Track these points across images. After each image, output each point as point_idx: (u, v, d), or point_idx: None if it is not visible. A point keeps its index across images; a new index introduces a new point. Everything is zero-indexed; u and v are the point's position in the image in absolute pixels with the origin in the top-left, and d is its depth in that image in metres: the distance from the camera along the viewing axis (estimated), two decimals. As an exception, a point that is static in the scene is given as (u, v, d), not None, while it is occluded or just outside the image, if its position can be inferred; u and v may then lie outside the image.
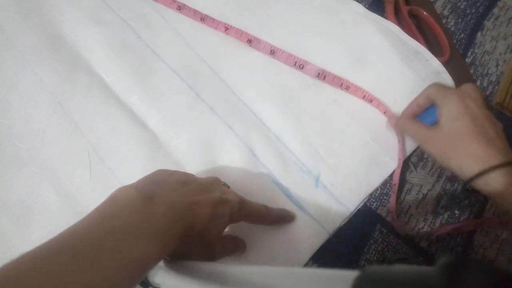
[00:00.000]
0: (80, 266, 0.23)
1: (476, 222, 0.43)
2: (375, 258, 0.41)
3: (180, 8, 0.49)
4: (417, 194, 0.44)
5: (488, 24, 0.53)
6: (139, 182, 0.31)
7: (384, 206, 0.43)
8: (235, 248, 0.37)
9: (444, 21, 0.53)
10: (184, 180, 0.33)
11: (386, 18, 0.51)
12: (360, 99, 0.46)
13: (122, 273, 0.25)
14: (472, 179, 0.35)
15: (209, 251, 0.33)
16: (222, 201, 0.32)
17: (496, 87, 0.50)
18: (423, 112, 0.42)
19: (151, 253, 0.27)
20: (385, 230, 0.43)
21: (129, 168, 0.42)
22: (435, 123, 0.39)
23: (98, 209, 0.28)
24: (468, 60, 0.51)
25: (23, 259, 0.23)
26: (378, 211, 0.43)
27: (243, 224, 0.36)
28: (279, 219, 0.40)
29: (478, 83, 0.50)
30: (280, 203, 0.41)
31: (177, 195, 0.30)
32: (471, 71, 0.50)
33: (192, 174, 0.36)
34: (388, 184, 0.43)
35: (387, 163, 0.44)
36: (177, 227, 0.28)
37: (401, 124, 0.42)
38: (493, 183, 0.34)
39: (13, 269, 0.22)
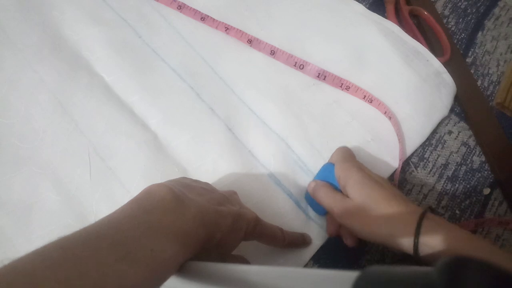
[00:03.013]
0: (117, 257, 0.23)
1: (477, 222, 0.43)
2: (375, 258, 0.41)
3: (181, 7, 0.49)
4: (417, 194, 0.44)
5: (488, 24, 0.53)
6: (168, 182, 0.31)
7: (385, 206, 0.43)
8: None
9: (444, 21, 0.53)
10: (208, 188, 0.34)
11: (386, 18, 0.51)
12: (361, 99, 0.46)
13: (150, 271, 0.24)
14: (417, 235, 0.31)
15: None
16: (241, 215, 0.32)
17: (497, 87, 0.50)
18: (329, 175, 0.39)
19: (177, 255, 0.26)
20: (385, 230, 0.42)
21: (129, 168, 0.42)
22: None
23: (133, 202, 0.28)
24: (468, 60, 0.51)
25: (64, 242, 0.23)
26: (379, 211, 0.43)
27: None
28: (293, 243, 0.39)
29: (479, 83, 0.50)
30: (281, 202, 0.41)
31: (204, 201, 0.30)
32: (472, 71, 0.50)
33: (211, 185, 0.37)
34: (389, 184, 0.43)
35: (388, 163, 0.44)
36: (201, 233, 0.28)
37: (317, 189, 0.38)
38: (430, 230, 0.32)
39: (55, 250, 0.23)
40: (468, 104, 0.48)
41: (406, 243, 0.32)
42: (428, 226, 0.32)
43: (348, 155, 0.40)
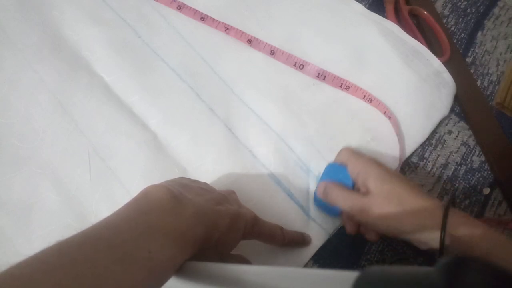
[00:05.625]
0: (114, 259, 0.23)
1: (477, 222, 0.43)
2: (375, 258, 0.41)
3: (180, 7, 0.49)
4: (417, 194, 0.44)
5: (488, 23, 0.53)
6: (166, 182, 0.31)
7: (384, 206, 0.43)
8: None
9: (444, 20, 0.53)
10: (206, 188, 0.34)
11: (386, 18, 0.51)
12: (360, 99, 0.46)
13: (148, 272, 0.24)
14: (444, 227, 0.31)
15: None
16: (239, 215, 0.32)
17: (497, 87, 0.50)
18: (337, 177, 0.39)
19: (175, 256, 0.26)
20: (385, 230, 0.43)
21: (129, 168, 0.42)
22: (352, 185, 0.38)
23: (130, 204, 0.28)
24: (468, 59, 0.51)
25: (61, 246, 0.23)
26: (378, 211, 0.43)
27: None
28: (293, 242, 0.39)
29: (479, 82, 0.50)
30: (281, 202, 0.41)
31: (202, 200, 0.30)
32: (472, 71, 0.50)
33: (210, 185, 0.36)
34: (388, 184, 0.43)
35: (388, 163, 0.44)
36: (200, 233, 0.28)
37: (330, 190, 0.38)
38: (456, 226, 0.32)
39: (51, 254, 0.23)
40: (468, 104, 0.48)
41: (432, 236, 0.32)
42: (453, 220, 0.32)
43: (357, 152, 0.40)
